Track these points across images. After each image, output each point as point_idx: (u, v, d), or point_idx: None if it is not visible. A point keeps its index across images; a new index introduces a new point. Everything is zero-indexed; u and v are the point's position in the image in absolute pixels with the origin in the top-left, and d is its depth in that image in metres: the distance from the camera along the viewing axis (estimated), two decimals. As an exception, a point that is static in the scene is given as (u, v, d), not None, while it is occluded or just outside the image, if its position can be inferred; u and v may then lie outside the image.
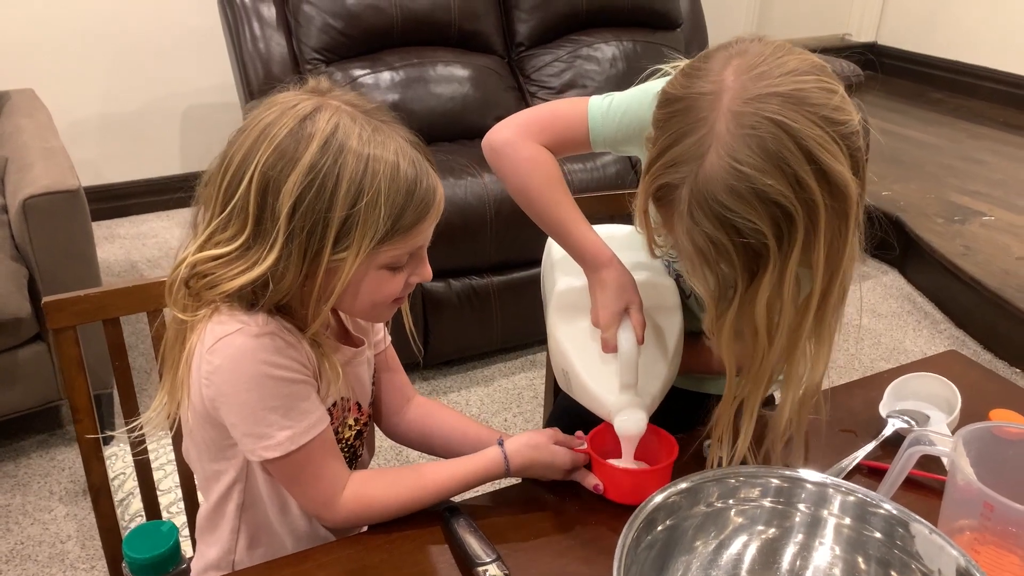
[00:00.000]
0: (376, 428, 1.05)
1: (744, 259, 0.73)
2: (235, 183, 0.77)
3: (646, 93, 0.94)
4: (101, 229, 3.00)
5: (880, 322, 2.59)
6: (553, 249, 1.09)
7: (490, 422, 2.09)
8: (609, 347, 0.91)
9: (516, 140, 0.98)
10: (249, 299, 0.79)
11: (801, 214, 0.70)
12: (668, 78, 0.92)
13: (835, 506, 0.71)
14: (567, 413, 1.21)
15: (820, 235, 0.72)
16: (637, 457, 0.93)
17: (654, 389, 0.95)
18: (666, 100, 0.78)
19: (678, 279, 1.08)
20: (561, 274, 1.02)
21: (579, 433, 0.95)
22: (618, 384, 0.91)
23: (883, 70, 4.63)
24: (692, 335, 1.03)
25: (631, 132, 0.96)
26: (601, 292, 0.92)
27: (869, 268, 2.91)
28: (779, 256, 0.72)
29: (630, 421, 0.90)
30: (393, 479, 0.87)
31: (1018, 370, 2.32)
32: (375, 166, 0.76)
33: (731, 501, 0.71)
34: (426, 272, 0.86)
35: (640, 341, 0.91)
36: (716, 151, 0.71)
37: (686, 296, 1.10)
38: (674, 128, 0.74)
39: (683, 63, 0.82)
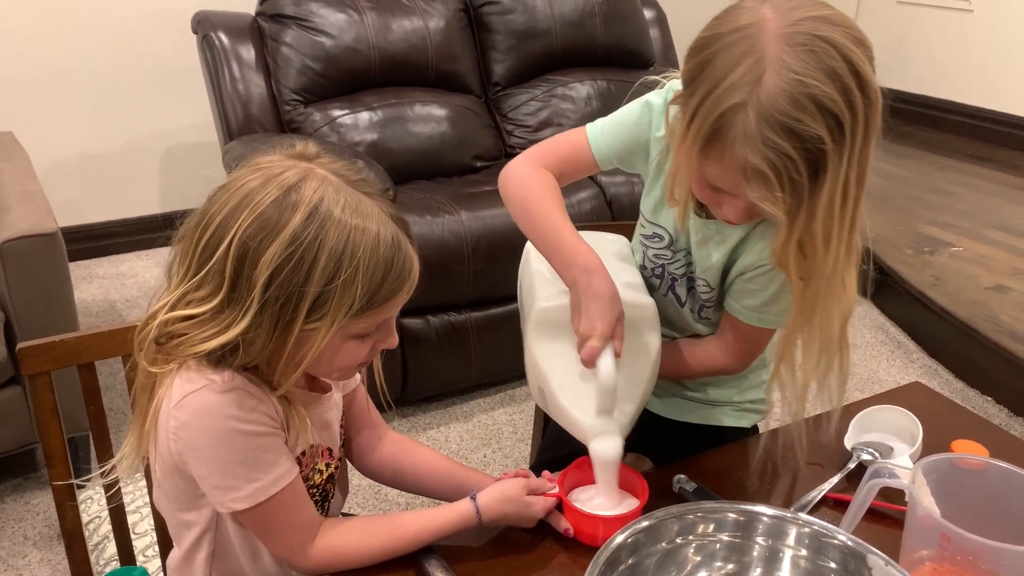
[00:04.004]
0: (351, 467, 1.06)
1: (808, 170, 0.79)
2: (212, 246, 0.77)
3: (637, 103, 1.04)
4: (80, 269, 2.99)
5: (855, 353, 2.60)
6: (532, 262, 1.10)
7: (469, 458, 2.09)
8: (593, 358, 0.90)
9: (523, 165, 1.08)
10: (218, 358, 0.79)
11: (848, 120, 0.77)
12: (660, 89, 0.98)
13: (791, 538, 0.73)
14: (557, 444, 1.22)
15: (858, 141, 0.79)
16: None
17: (630, 412, 0.96)
18: (701, 46, 0.83)
19: (673, 282, 1.12)
20: (541, 291, 1.03)
21: (547, 474, 0.96)
22: (594, 408, 0.92)
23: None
24: (668, 339, 1.05)
25: (631, 142, 1.05)
26: (596, 301, 0.92)
27: (843, 299, 2.95)
28: (837, 161, 0.78)
29: (606, 447, 0.91)
30: (366, 529, 0.88)
31: (989, 398, 2.36)
32: (356, 240, 0.77)
33: (690, 537, 0.72)
34: (393, 340, 0.87)
35: (618, 354, 0.92)
36: (773, 69, 0.77)
37: (680, 304, 1.12)
38: (722, 63, 0.79)
39: (674, 73, 0.87)
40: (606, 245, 1.16)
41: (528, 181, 1.05)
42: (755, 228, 0.99)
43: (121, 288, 2.90)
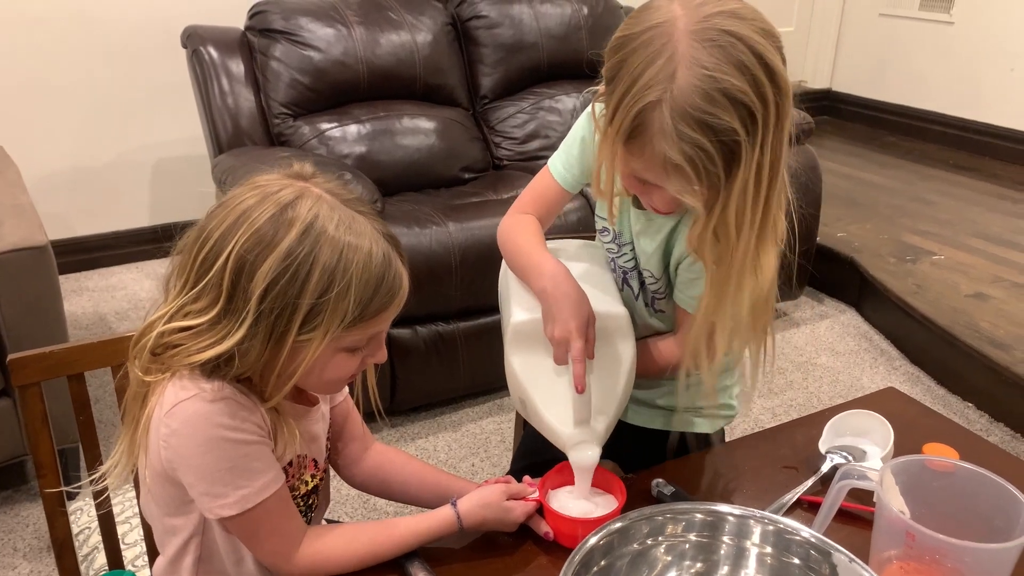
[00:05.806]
0: (335, 476, 1.08)
1: (723, 161, 0.81)
2: (210, 260, 0.80)
3: (581, 117, 1.10)
4: (70, 282, 3.00)
5: (838, 360, 2.66)
6: (510, 280, 1.14)
7: (457, 467, 2.11)
8: (563, 361, 0.95)
9: (507, 217, 1.17)
10: (212, 369, 0.81)
11: (760, 110, 0.80)
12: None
13: (757, 537, 0.75)
14: (530, 452, 1.25)
15: (770, 131, 0.82)
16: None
17: (607, 420, 0.98)
18: (618, 45, 0.86)
19: (625, 275, 1.14)
20: (516, 305, 1.06)
21: (527, 479, 0.98)
22: (572, 418, 0.94)
23: (838, 115, 4.80)
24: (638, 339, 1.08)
25: (583, 155, 1.09)
26: (565, 302, 0.96)
27: (827, 307, 2.99)
28: (750, 150, 0.81)
29: (584, 455, 0.94)
30: (351, 535, 0.90)
31: (970, 404, 2.40)
32: (348, 256, 0.79)
33: (660, 538, 0.74)
34: (382, 355, 0.89)
35: (590, 356, 0.95)
36: (684, 66, 0.80)
37: (634, 297, 1.15)
38: (637, 62, 0.82)
39: None
40: (583, 250, 1.19)
41: (508, 227, 1.14)
42: (685, 215, 1.02)
43: (111, 300, 2.91)
